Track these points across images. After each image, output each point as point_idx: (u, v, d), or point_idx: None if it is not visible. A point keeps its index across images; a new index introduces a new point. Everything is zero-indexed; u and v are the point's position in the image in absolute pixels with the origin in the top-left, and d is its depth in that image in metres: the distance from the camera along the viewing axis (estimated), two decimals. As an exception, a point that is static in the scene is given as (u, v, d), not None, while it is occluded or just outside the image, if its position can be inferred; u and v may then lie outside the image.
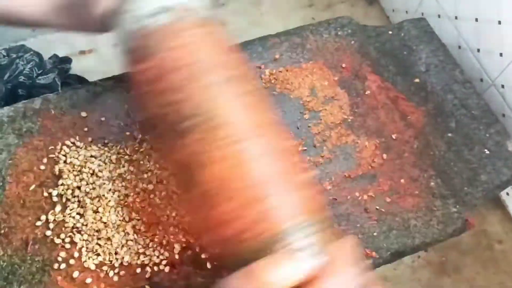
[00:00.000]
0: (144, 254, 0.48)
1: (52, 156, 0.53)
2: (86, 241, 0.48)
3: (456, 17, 0.69)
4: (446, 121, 0.60)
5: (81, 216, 0.49)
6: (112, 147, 0.54)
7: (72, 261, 0.47)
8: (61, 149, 0.54)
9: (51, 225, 0.49)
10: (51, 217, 0.49)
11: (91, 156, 0.53)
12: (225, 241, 0.37)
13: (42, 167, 0.52)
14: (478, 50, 0.66)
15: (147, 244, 0.48)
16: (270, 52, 0.63)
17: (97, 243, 0.48)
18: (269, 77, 0.61)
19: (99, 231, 0.48)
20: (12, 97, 0.73)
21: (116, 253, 0.48)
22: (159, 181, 0.52)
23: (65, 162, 0.53)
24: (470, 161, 0.57)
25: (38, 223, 0.49)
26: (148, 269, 0.47)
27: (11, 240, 0.48)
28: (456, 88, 0.63)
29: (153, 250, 0.48)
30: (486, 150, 0.58)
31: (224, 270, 0.37)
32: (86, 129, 0.56)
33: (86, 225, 0.48)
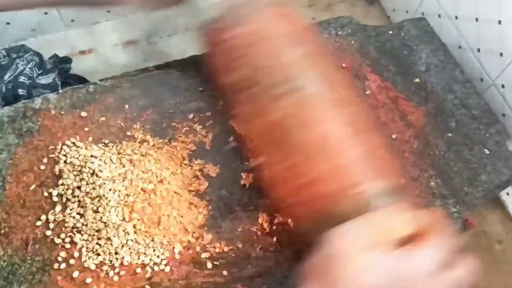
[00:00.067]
0: (144, 254, 0.48)
1: (52, 156, 0.53)
2: (86, 241, 0.48)
3: (456, 17, 0.69)
4: (446, 121, 0.60)
5: (81, 216, 0.49)
6: (112, 147, 0.54)
7: (72, 261, 0.47)
8: (61, 149, 0.54)
9: (51, 225, 0.49)
10: (51, 217, 0.49)
11: (91, 156, 0.53)
12: (319, 200, 0.40)
13: (42, 167, 0.53)
14: (478, 50, 0.66)
15: (147, 244, 0.48)
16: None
17: (97, 243, 0.48)
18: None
19: (99, 231, 0.48)
20: (12, 97, 0.73)
21: (116, 253, 0.48)
22: (159, 181, 0.52)
23: (65, 162, 0.53)
24: (470, 161, 0.57)
25: (38, 223, 0.49)
26: (148, 269, 0.47)
27: (11, 240, 0.48)
28: (456, 88, 0.63)
29: (153, 250, 0.48)
30: (486, 150, 0.58)
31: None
32: (86, 129, 0.56)
33: (86, 225, 0.48)
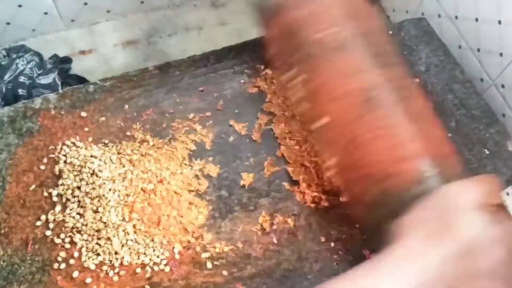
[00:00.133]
0: (144, 254, 0.48)
1: (52, 156, 0.53)
2: (86, 241, 0.48)
3: (456, 17, 0.69)
4: (446, 121, 0.60)
5: (81, 216, 0.49)
6: (112, 147, 0.54)
7: (72, 261, 0.47)
8: (61, 149, 0.54)
9: (51, 225, 0.49)
10: (51, 217, 0.49)
11: (91, 156, 0.53)
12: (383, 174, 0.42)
13: (42, 167, 0.53)
14: (478, 50, 0.66)
15: (147, 244, 0.48)
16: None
17: (97, 243, 0.48)
18: (270, 78, 0.61)
19: (99, 231, 0.48)
20: (12, 97, 0.73)
21: (116, 253, 0.48)
22: (159, 181, 0.52)
23: (65, 162, 0.53)
24: (470, 161, 0.57)
25: (38, 223, 0.49)
26: (148, 269, 0.47)
27: (11, 240, 0.48)
28: (456, 88, 0.63)
29: (153, 250, 0.48)
30: (486, 150, 0.58)
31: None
32: (86, 129, 0.56)
33: (86, 225, 0.48)
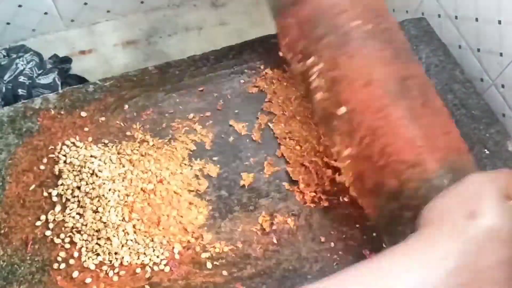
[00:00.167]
0: (144, 254, 0.48)
1: (52, 156, 0.53)
2: (86, 241, 0.48)
3: (456, 17, 0.69)
4: (446, 121, 0.60)
5: (81, 216, 0.49)
6: (112, 147, 0.54)
7: (72, 261, 0.47)
8: (61, 149, 0.54)
9: (51, 225, 0.49)
10: (51, 217, 0.49)
11: (91, 156, 0.53)
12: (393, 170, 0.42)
13: (42, 167, 0.52)
14: (478, 50, 0.66)
15: (147, 244, 0.48)
16: (271, 53, 0.63)
17: (97, 243, 0.48)
18: (270, 78, 0.61)
19: (99, 231, 0.48)
20: (12, 97, 0.73)
21: (116, 253, 0.48)
22: (159, 181, 0.52)
23: (65, 162, 0.53)
24: (470, 161, 0.57)
25: (38, 223, 0.49)
26: (148, 269, 0.47)
27: (11, 240, 0.48)
28: (456, 88, 0.63)
29: (153, 250, 0.48)
30: (486, 150, 0.58)
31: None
32: (86, 129, 0.56)
33: (86, 225, 0.48)
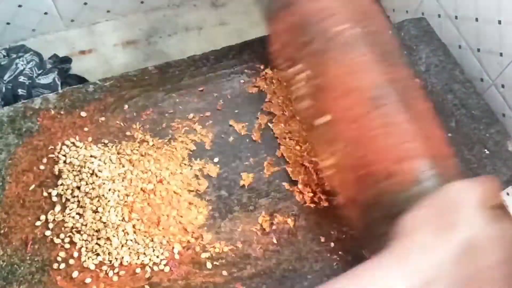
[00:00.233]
0: (144, 254, 0.48)
1: (52, 156, 0.53)
2: (86, 241, 0.48)
3: (456, 17, 0.69)
4: (446, 121, 0.60)
5: (81, 216, 0.49)
6: (112, 147, 0.54)
7: (72, 261, 0.47)
8: (61, 149, 0.54)
9: (51, 225, 0.49)
10: (51, 217, 0.49)
11: (91, 156, 0.53)
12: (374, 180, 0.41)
13: (42, 167, 0.52)
14: (478, 50, 0.66)
15: (147, 244, 0.48)
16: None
17: (97, 243, 0.48)
18: (270, 78, 0.61)
19: (99, 231, 0.48)
20: (12, 97, 0.73)
21: (116, 253, 0.48)
22: (159, 181, 0.52)
23: (65, 162, 0.53)
24: (470, 161, 0.57)
25: (38, 223, 0.49)
26: (148, 269, 0.47)
27: (11, 240, 0.48)
28: (456, 88, 0.63)
29: (153, 250, 0.48)
30: (486, 150, 0.58)
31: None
32: (86, 129, 0.56)
33: (86, 225, 0.48)
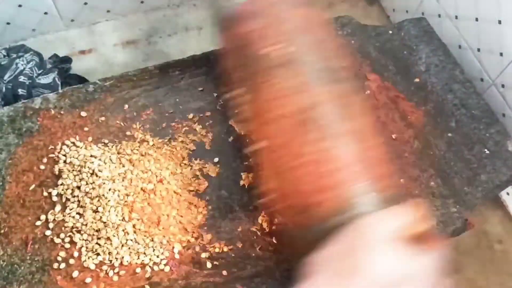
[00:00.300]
0: (144, 254, 0.48)
1: (52, 156, 0.53)
2: (86, 241, 0.48)
3: (456, 17, 0.69)
4: (446, 121, 0.60)
5: (81, 216, 0.49)
6: (112, 147, 0.54)
7: (72, 261, 0.47)
8: (61, 149, 0.54)
9: (51, 225, 0.49)
10: (51, 217, 0.49)
11: (91, 156, 0.53)
12: (305, 205, 0.41)
13: (42, 167, 0.52)
14: (479, 50, 0.66)
15: (147, 244, 0.48)
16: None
17: (97, 243, 0.48)
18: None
19: (99, 231, 0.48)
20: (12, 97, 0.73)
21: (116, 253, 0.48)
22: (159, 181, 0.52)
23: (65, 162, 0.53)
24: (470, 161, 0.57)
25: (38, 223, 0.49)
26: (148, 269, 0.47)
27: (11, 240, 0.48)
28: (456, 88, 0.63)
29: (153, 250, 0.48)
30: (486, 150, 0.58)
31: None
32: (86, 129, 0.56)
33: (86, 225, 0.48)
